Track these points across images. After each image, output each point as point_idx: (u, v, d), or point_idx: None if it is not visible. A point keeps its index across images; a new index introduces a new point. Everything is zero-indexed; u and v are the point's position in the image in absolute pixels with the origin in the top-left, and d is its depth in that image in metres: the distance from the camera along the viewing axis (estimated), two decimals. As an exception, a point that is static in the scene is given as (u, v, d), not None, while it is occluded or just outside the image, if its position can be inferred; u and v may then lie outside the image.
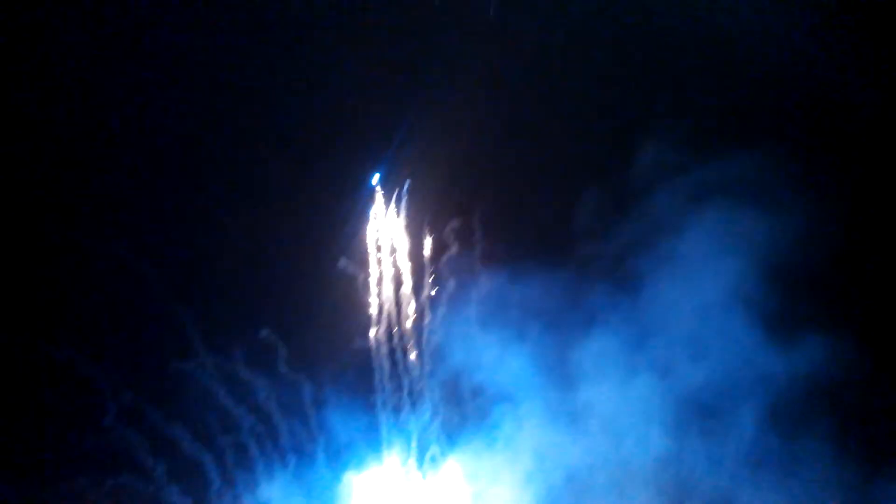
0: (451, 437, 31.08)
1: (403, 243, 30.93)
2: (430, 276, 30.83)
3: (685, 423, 29.56)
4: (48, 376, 28.40)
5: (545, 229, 30.43)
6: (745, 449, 29.68)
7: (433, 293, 30.86)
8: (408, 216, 30.83)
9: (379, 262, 30.80)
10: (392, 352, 30.95)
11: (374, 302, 30.75)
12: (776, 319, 28.50)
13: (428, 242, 30.87)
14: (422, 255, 30.92)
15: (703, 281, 28.90)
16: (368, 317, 30.89)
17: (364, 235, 30.82)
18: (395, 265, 31.00)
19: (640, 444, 29.86)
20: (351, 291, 30.65)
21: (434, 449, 30.98)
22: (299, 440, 30.44)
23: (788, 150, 29.07)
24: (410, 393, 30.98)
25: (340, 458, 30.71)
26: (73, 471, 28.52)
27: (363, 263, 30.75)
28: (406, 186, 30.62)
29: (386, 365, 30.90)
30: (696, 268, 29.00)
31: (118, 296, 29.24)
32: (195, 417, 29.39)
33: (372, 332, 30.91)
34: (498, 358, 30.09)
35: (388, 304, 30.94)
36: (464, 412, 31.06)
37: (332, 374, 30.55)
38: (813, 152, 29.55)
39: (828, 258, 28.61)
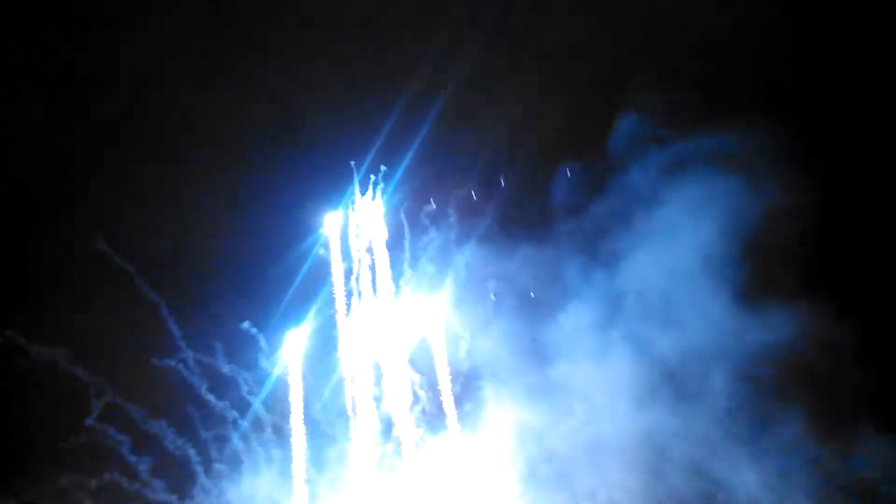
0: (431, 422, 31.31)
1: (381, 229, 31.30)
2: (408, 260, 31.29)
3: (661, 398, 30.00)
4: (29, 375, 28.41)
5: (522, 207, 30.79)
6: (720, 422, 30.03)
7: (412, 276, 31.31)
8: (385, 201, 31.37)
9: (357, 248, 31.17)
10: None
11: (354, 290, 31.09)
12: (752, 293, 29.03)
13: (405, 226, 31.42)
14: (400, 239, 31.40)
15: (679, 255, 29.41)
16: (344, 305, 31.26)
17: (341, 222, 31.26)
18: (373, 251, 31.39)
19: (617, 420, 30.23)
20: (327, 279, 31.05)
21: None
22: (283, 433, 30.63)
23: (765, 123, 29.44)
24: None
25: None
26: (57, 470, 28.32)
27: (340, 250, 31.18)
28: (381, 173, 31.16)
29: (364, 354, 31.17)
30: (672, 242, 29.55)
31: (98, 292, 29.40)
32: (177, 413, 29.66)
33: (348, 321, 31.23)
34: (476, 338, 30.55)
35: (367, 291, 31.25)
36: (441, 397, 31.23)
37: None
38: (789, 125, 29.73)
39: (804, 230, 28.99)
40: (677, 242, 29.67)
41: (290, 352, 30.62)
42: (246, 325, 30.29)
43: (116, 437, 28.89)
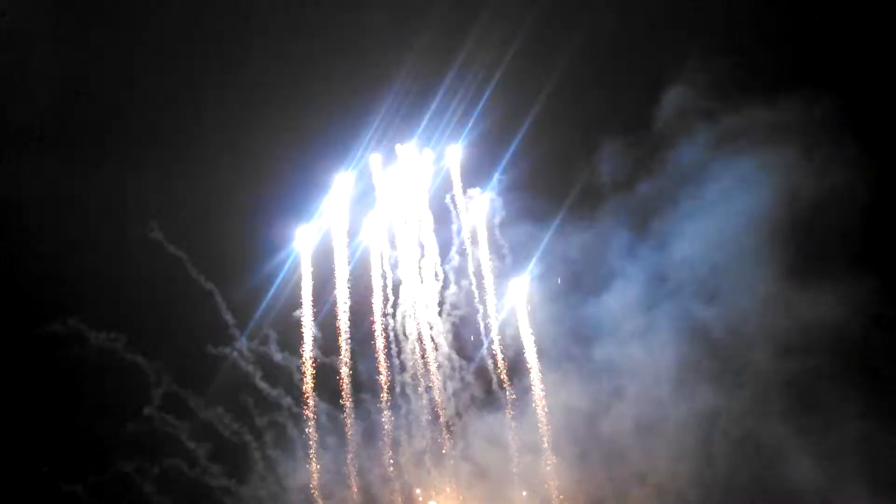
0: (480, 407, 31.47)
1: (427, 212, 31.73)
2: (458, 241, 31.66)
3: (710, 379, 29.96)
4: (92, 362, 29.11)
5: (571, 182, 30.96)
6: (771, 403, 29.97)
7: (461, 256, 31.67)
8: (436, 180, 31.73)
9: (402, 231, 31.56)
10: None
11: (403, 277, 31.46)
12: (802, 270, 28.92)
13: (455, 205, 31.78)
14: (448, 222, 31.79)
15: (729, 231, 29.50)
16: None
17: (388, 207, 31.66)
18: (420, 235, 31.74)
19: (667, 402, 30.33)
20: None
21: None
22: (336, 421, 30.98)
23: (818, 96, 29.28)
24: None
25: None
26: (119, 455, 29.13)
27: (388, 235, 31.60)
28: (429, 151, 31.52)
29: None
30: (721, 218, 29.60)
31: (155, 281, 30.06)
32: (233, 400, 30.18)
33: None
34: (524, 319, 30.90)
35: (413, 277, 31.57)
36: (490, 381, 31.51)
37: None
38: (843, 98, 29.47)
39: (855, 206, 28.94)
40: (726, 219, 29.62)
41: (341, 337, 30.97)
42: (297, 313, 30.71)
43: (175, 424, 29.44)
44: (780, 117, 29.25)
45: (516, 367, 31.22)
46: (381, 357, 30.97)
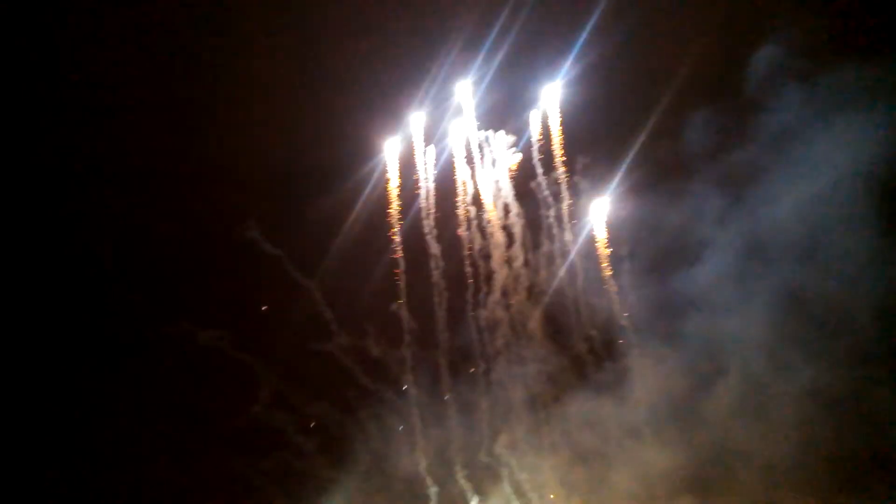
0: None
1: (509, 192, 31.85)
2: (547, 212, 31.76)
3: (815, 350, 29.24)
4: (203, 362, 30.26)
5: (658, 151, 30.41)
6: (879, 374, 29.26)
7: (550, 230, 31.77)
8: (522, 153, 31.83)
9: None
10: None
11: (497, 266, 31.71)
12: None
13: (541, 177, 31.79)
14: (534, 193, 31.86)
15: (827, 197, 28.93)
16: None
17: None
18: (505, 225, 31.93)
19: (770, 375, 29.72)
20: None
21: None
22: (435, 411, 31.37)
23: None
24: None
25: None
26: (229, 451, 30.03)
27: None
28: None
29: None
30: (818, 182, 29.04)
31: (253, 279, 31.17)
32: (335, 394, 30.89)
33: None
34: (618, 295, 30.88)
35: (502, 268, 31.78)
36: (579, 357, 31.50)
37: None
38: None
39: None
40: (824, 183, 28.91)
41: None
42: (394, 306, 31.21)
43: (281, 419, 30.26)
44: (880, 75, 28.50)
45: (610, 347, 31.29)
46: (476, 344, 31.35)
